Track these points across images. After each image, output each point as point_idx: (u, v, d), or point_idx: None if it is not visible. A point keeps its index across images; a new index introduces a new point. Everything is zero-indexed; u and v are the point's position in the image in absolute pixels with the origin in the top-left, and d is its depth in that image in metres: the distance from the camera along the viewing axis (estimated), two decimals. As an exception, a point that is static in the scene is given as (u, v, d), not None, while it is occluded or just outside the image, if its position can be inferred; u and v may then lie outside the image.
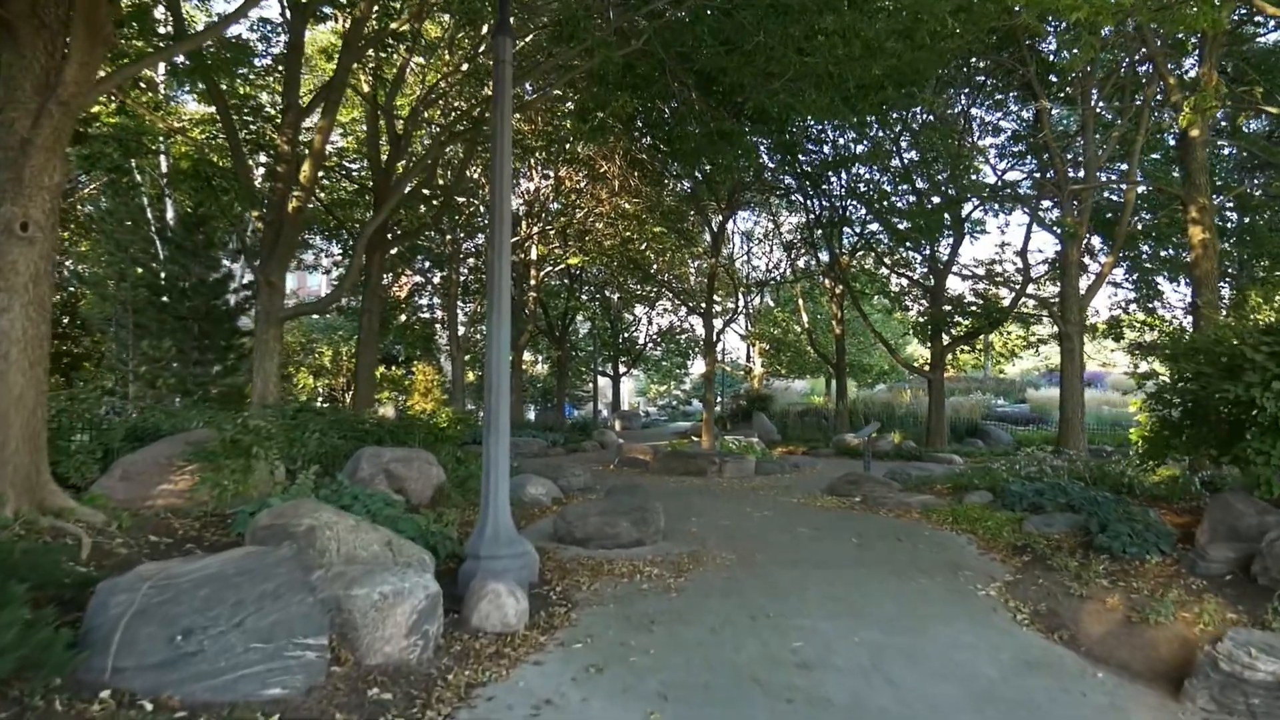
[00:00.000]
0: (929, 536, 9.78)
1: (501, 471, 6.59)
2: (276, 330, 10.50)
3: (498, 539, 6.46)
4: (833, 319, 28.97)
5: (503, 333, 6.62)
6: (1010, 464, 13.51)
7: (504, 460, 6.62)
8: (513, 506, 11.38)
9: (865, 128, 14.77)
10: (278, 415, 10.17)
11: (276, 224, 10.56)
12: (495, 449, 6.57)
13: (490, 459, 6.58)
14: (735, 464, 16.70)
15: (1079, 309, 16.33)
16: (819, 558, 8.59)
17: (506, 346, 6.64)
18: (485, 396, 6.69)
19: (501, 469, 6.59)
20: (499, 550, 6.41)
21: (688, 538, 9.60)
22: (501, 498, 6.58)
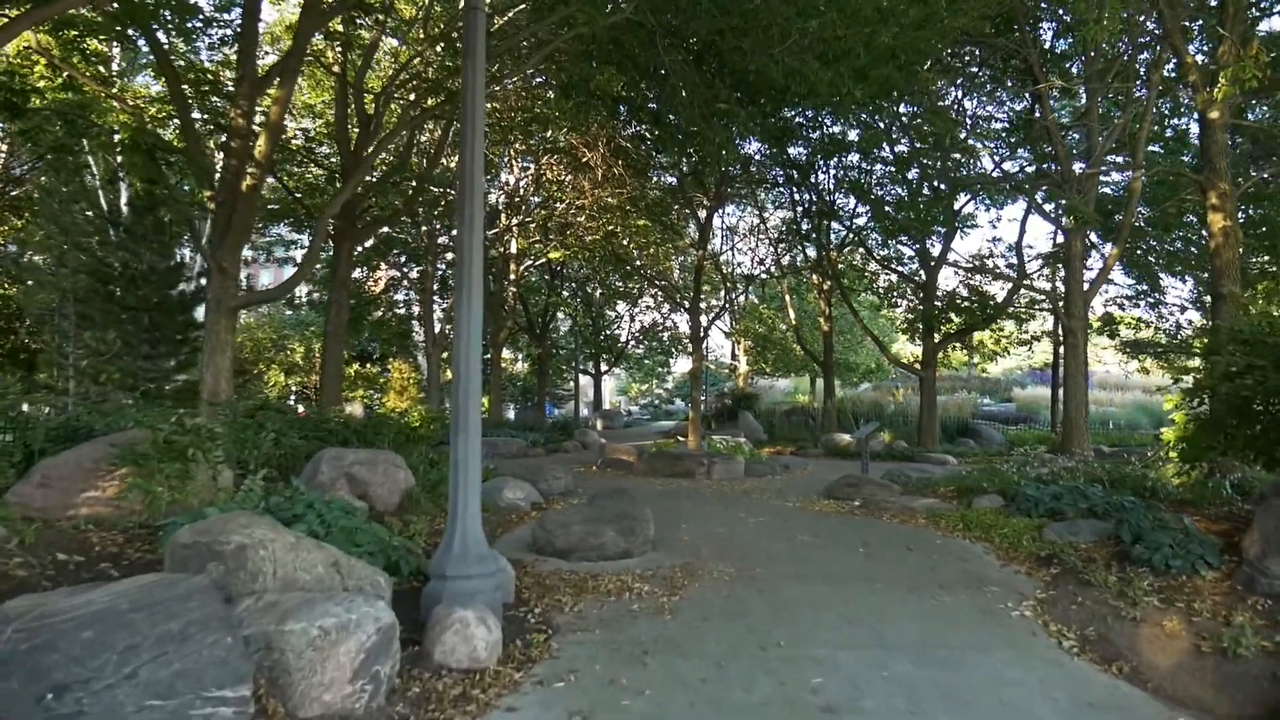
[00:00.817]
0: (941, 545, 9.01)
1: (472, 477, 5.73)
2: (229, 320, 9.57)
3: (466, 555, 5.59)
4: (820, 315, 28.24)
5: (473, 319, 5.76)
6: (1019, 465, 12.77)
7: (474, 464, 5.76)
8: (488, 513, 10.54)
9: (867, 107, 13.97)
10: (229, 413, 9.24)
11: (229, 204, 9.63)
12: (464, 451, 5.71)
13: (459, 463, 5.71)
14: (724, 465, 15.89)
15: (1083, 303, 15.63)
16: (826, 570, 7.78)
17: (477, 335, 5.79)
18: (453, 392, 5.83)
19: (471, 474, 5.73)
20: (468, 568, 5.55)
21: (680, 547, 8.77)
22: (472, 507, 5.72)
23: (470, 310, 5.76)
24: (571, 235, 25.35)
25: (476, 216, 5.85)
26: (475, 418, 5.77)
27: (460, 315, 5.77)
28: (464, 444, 5.72)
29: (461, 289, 5.78)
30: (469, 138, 5.86)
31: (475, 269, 5.82)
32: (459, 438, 5.73)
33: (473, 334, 5.75)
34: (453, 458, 5.76)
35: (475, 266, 5.82)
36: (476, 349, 5.78)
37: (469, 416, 5.73)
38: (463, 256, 5.82)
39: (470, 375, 5.76)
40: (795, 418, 30.08)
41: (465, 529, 5.68)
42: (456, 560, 5.57)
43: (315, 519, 6.95)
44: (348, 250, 14.93)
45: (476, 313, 5.80)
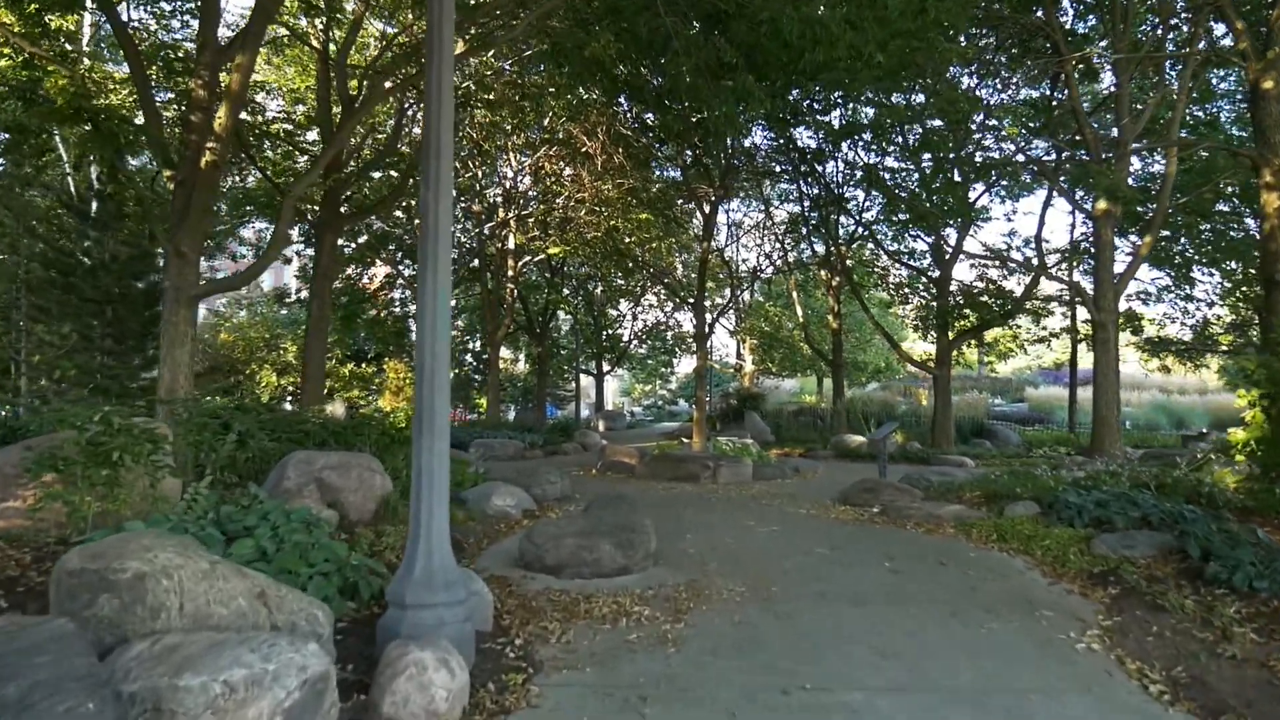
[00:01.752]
0: (975, 559, 8.07)
1: (438, 486, 4.82)
2: (188, 311, 8.67)
3: (431, 580, 4.68)
4: (829, 312, 27.29)
5: (439, 298, 4.86)
6: (1051, 468, 11.83)
7: (442, 471, 4.85)
8: (474, 522, 9.63)
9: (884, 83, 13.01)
10: (186, 412, 8.34)
11: (188, 183, 8.73)
12: (430, 456, 4.81)
13: (423, 470, 4.81)
14: (731, 468, 14.96)
15: (1113, 295, 14.67)
16: (850, 589, 6.85)
17: (444, 317, 4.88)
18: (417, 385, 4.92)
19: (438, 483, 4.82)
20: (432, 595, 4.63)
21: (684, 561, 7.85)
22: (438, 523, 4.81)
23: (436, 286, 4.86)
24: (572, 230, 24.47)
25: (444, 177, 4.94)
26: (443, 416, 4.86)
27: (424, 292, 4.87)
28: (430, 447, 4.82)
29: (426, 262, 4.88)
30: (435, 84, 4.95)
31: (442, 238, 4.91)
32: (423, 440, 4.83)
33: (439, 315, 4.85)
34: (415, 464, 4.85)
35: (442, 235, 4.91)
36: (444, 333, 4.88)
37: (435, 414, 4.83)
38: (428, 223, 4.92)
39: (437, 365, 4.85)
40: (803, 418, 29.10)
41: (430, 548, 4.77)
42: (418, 586, 4.65)
43: (267, 532, 6.07)
44: (330, 240, 14.03)
45: (443, 289, 4.90)
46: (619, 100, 18.40)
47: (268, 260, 9.64)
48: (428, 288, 4.86)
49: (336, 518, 8.00)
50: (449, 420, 4.96)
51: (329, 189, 14.24)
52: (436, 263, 4.87)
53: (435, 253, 4.88)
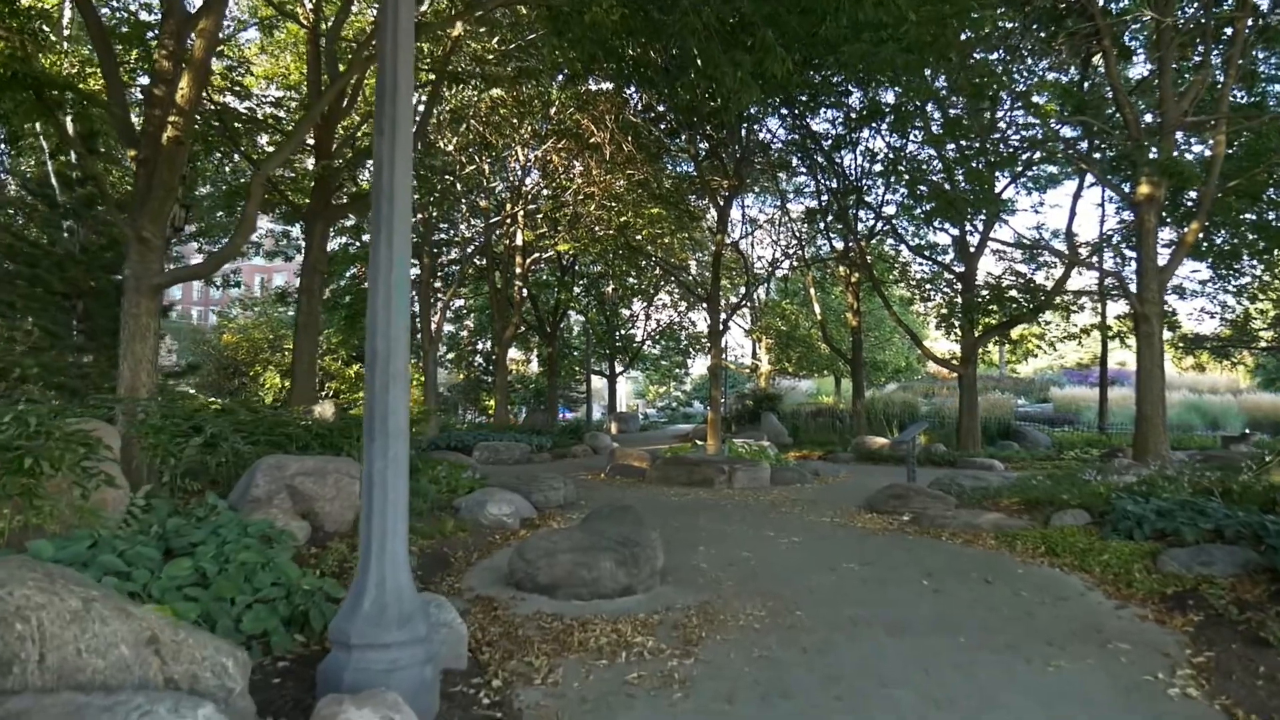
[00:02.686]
0: (1025, 576, 7.16)
1: (394, 499, 3.98)
2: (150, 301, 7.88)
3: (383, 615, 3.82)
4: (848, 309, 26.31)
5: (395, 268, 4.02)
6: (1099, 472, 10.88)
7: (398, 481, 4.00)
8: (466, 532, 8.72)
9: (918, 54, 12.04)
10: (145, 413, 7.54)
11: (150, 161, 7.95)
12: (382, 463, 3.96)
13: (375, 480, 3.96)
14: (747, 472, 14.06)
15: (1158, 285, 13.66)
16: (887, 613, 5.95)
17: (402, 290, 4.05)
18: (367, 375, 4.07)
19: (394, 496, 3.97)
20: (383, 633, 3.78)
21: (696, 579, 6.98)
22: (394, 544, 3.95)
23: (391, 254, 4.02)
24: (582, 227, 23.66)
25: (400, 123, 4.10)
26: (400, 414, 4.01)
27: (377, 262, 4.03)
28: (383, 452, 3.97)
29: (380, 225, 4.04)
30: (390, 9, 4.10)
31: (399, 197, 4.07)
32: (375, 444, 3.97)
33: (394, 289, 4.00)
34: (366, 473, 3.99)
35: (398, 193, 4.06)
36: (400, 312, 4.03)
37: (390, 412, 3.98)
38: (382, 180, 4.08)
39: (392, 351, 4.00)
40: (821, 419, 28.14)
41: (383, 575, 3.91)
42: (366, 622, 3.80)
43: (213, 549, 5.25)
44: (321, 230, 13.23)
45: (400, 258, 4.05)
46: (627, 87, 17.55)
47: (235, 247, 8.83)
48: (381, 256, 4.01)
49: (308, 530, 7.18)
50: (408, 418, 4.10)
51: (320, 178, 13.45)
52: (391, 226, 4.02)
53: (390, 215, 4.04)
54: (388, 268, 4.01)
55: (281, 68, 17.65)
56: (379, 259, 4.03)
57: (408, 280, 4.12)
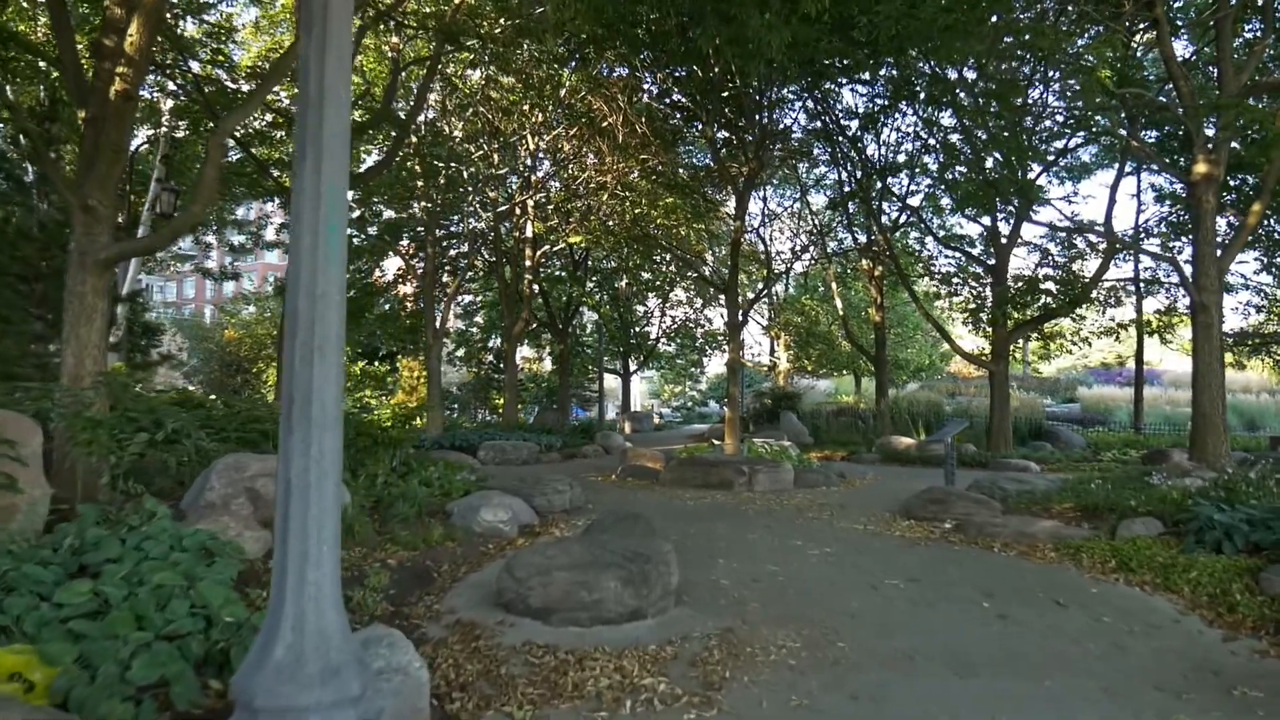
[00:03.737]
0: (1101, 597, 6.11)
1: (317, 515, 2.99)
2: (97, 279, 6.96)
3: (300, 667, 2.84)
4: (871, 305, 25.21)
5: (326, 199, 3.05)
6: (1165, 475, 9.80)
7: (324, 488, 3.02)
8: (455, 542, 7.63)
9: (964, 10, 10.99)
10: (86, 403, 6.62)
11: (97, 120, 7.05)
12: (303, 461, 2.99)
13: (294, 487, 2.97)
14: (769, 474, 13.03)
15: (1217, 272, 12.54)
16: (947, 645, 4.94)
17: (337, 230, 3.06)
18: (286, 345, 3.08)
19: (317, 510, 2.99)
20: (300, 693, 2.80)
21: (716, 599, 5.99)
22: (316, 576, 2.97)
23: (319, 183, 3.04)
24: (595, 219, 22.68)
25: (335, 12, 3.11)
26: (329, 397, 3.03)
27: (301, 193, 3.06)
28: (304, 448, 2.99)
29: (306, 144, 3.06)
30: None
31: (331, 109, 3.09)
32: (294, 437, 2.99)
33: (324, 230, 3.03)
34: (281, 475, 3.01)
35: (330, 100, 3.08)
36: (332, 260, 3.05)
37: (315, 394, 3.01)
38: (309, 86, 3.10)
39: (319, 313, 3.03)
40: (843, 419, 27.03)
41: (302, 615, 2.92)
42: (279, 676, 2.82)
43: (127, 568, 4.31)
44: (310, 213, 12.27)
45: (333, 189, 3.07)
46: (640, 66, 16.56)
47: (194, 215, 7.88)
48: (305, 186, 3.04)
49: (267, 541, 6.22)
50: (341, 401, 3.12)
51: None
52: (320, 147, 3.04)
53: (319, 132, 3.06)
54: (314, 202, 3.03)
55: (275, 44, 16.76)
56: (303, 191, 3.05)
57: (343, 219, 3.14)
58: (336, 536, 3.08)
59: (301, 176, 3.07)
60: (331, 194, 3.07)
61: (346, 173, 3.20)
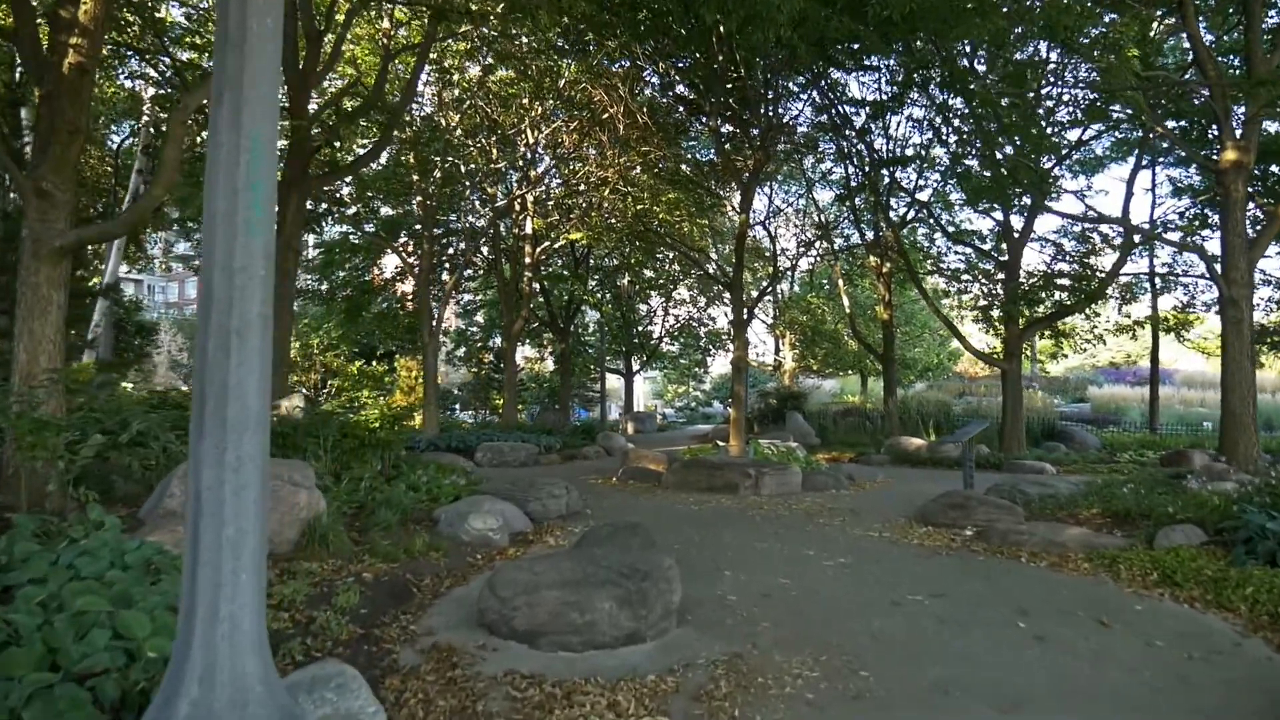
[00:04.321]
0: (1148, 615, 5.54)
1: (234, 538, 2.45)
2: (52, 268, 6.41)
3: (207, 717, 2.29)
4: (879, 302, 24.59)
5: (244, 150, 2.49)
6: (1204, 480, 9.22)
7: (245, 504, 2.47)
8: (440, 552, 6.93)
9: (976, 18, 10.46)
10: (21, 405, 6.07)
11: (52, 97, 6.52)
12: (214, 474, 2.44)
13: (202, 497, 2.42)
14: (776, 477, 12.46)
15: (1247, 264, 11.94)
16: (984, 674, 4.37)
17: (263, 188, 2.51)
18: (199, 331, 2.52)
19: (235, 531, 2.45)
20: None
21: (722, 619, 5.42)
22: (233, 611, 2.42)
23: (239, 137, 2.51)
24: (596, 215, 22.12)
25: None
26: (251, 393, 2.48)
27: (218, 148, 2.52)
28: (217, 456, 2.44)
29: (223, 93, 2.52)
30: None
31: (255, 47, 2.55)
32: (206, 442, 2.44)
33: (246, 193, 2.48)
34: (191, 488, 2.46)
35: (255, 42, 2.55)
36: (255, 228, 2.50)
37: (231, 391, 2.45)
38: (229, 20, 2.56)
39: (237, 292, 2.48)
40: (850, 419, 26.42)
41: (213, 663, 2.37)
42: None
43: (41, 592, 3.77)
44: (297, 203, 11.75)
45: (258, 142, 2.53)
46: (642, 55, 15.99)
47: (154, 197, 7.31)
48: (223, 142, 2.50)
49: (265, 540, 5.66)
50: (267, 399, 2.56)
51: (294, 142, 12.01)
52: (241, 94, 2.50)
53: (239, 75, 2.51)
54: (232, 158, 2.48)
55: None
56: (219, 146, 2.50)
57: (269, 179, 2.58)
58: (260, 563, 2.52)
59: (217, 129, 2.52)
60: (255, 149, 2.52)
61: (274, 123, 2.63)
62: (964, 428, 13.16)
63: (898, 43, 13.04)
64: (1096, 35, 12.36)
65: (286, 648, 4.25)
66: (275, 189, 2.62)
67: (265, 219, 2.54)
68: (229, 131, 2.48)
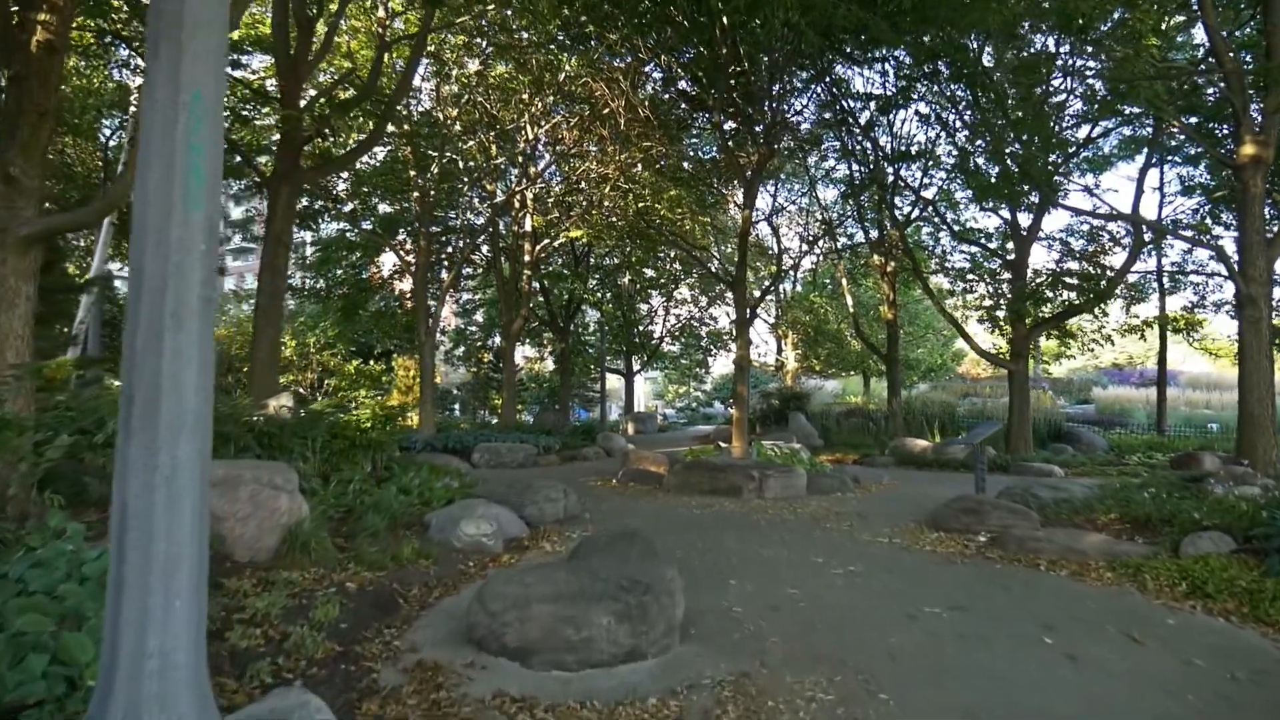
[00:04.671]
0: (1182, 631, 5.19)
1: (166, 558, 2.09)
2: (19, 259, 6.07)
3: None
4: (883, 302, 24.25)
5: (182, 108, 2.14)
6: (1227, 483, 8.87)
7: (179, 517, 2.13)
8: (429, 560, 6.68)
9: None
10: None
11: (21, 79, 6.19)
12: (143, 481, 2.09)
13: (126, 516, 2.07)
14: (779, 479, 12.11)
15: (1266, 261, 11.59)
16: (1013, 698, 4.02)
17: (207, 152, 2.16)
18: (129, 311, 2.17)
19: (161, 551, 2.10)
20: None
21: (728, 633, 5.07)
22: (159, 645, 2.08)
23: (177, 93, 2.17)
24: (597, 213, 21.78)
25: None
26: (187, 388, 2.13)
27: (153, 105, 2.17)
28: (147, 461, 2.10)
29: (159, 44, 2.19)
30: None
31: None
32: (133, 444, 2.10)
33: (184, 160, 2.14)
34: (116, 497, 2.12)
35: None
36: (192, 198, 2.16)
37: (164, 385, 2.11)
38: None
39: (173, 270, 2.13)
40: (854, 420, 26.06)
41: (136, 703, 2.03)
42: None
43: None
44: (287, 196, 11.38)
45: (199, 99, 2.18)
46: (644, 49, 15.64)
47: (127, 184, 7.04)
48: (159, 92, 2.17)
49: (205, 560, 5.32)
50: (208, 396, 2.22)
51: (285, 134, 11.68)
52: (179, 45, 2.16)
53: (179, 17, 2.18)
54: (169, 117, 2.15)
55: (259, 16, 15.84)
56: (154, 104, 2.16)
57: (213, 142, 2.24)
58: (198, 586, 2.18)
59: (153, 84, 2.17)
60: (196, 108, 2.17)
61: (221, 81, 2.29)
62: (976, 429, 12.78)
63: (906, 34, 12.69)
64: (1114, 23, 12.00)
65: (255, 668, 3.90)
66: (220, 156, 2.27)
67: (208, 189, 2.20)
68: (165, 86, 2.15)
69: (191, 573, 2.12)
